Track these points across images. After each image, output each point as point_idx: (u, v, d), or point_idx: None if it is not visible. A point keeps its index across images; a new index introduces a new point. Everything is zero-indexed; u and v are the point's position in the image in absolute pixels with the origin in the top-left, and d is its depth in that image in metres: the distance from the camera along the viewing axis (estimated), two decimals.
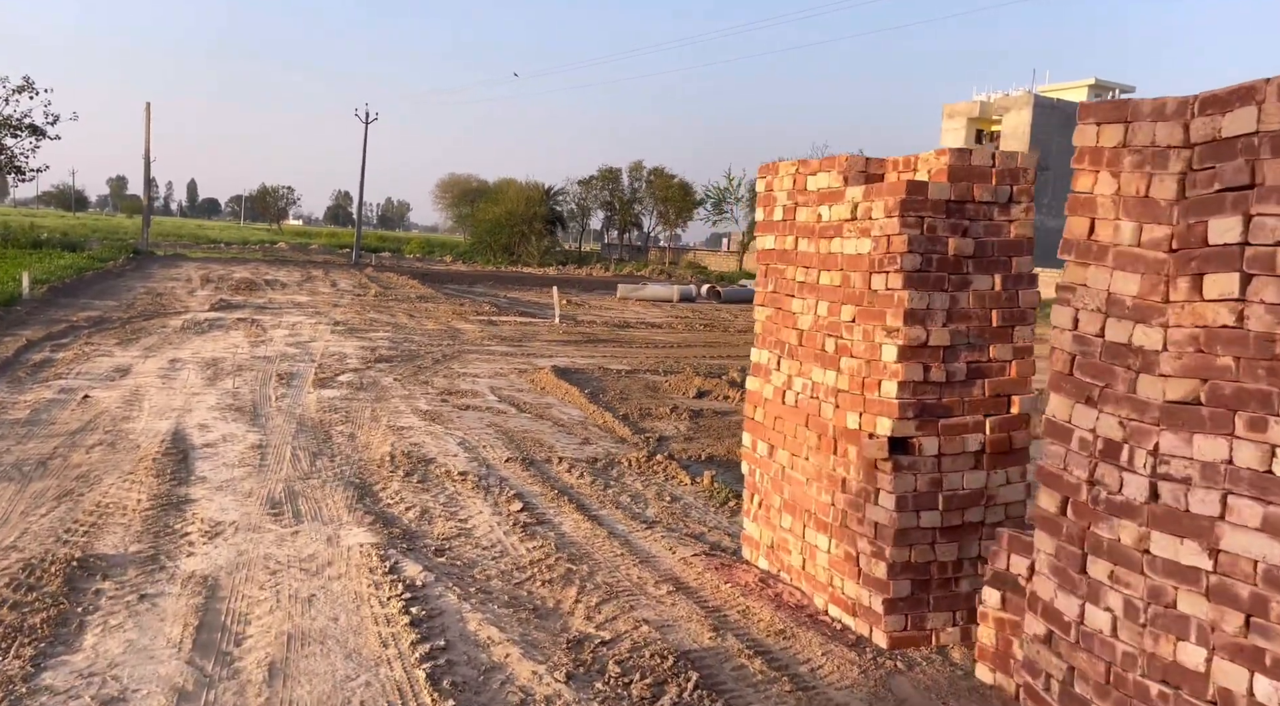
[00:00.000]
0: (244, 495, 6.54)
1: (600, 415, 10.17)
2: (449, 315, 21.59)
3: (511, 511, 6.43)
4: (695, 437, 9.43)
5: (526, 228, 64.00)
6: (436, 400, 10.63)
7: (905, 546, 4.27)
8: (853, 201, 4.54)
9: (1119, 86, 61.77)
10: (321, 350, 14.13)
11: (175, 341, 14.20)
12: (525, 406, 10.57)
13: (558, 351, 16.01)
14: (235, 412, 9.25)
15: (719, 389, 12.04)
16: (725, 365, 15.26)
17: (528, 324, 20.67)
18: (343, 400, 10.25)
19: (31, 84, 41.82)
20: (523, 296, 31.78)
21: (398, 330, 17.66)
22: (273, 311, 19.86)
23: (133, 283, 25.74)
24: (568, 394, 11.43)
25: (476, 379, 12.42)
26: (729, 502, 6.94)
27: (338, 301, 23.36)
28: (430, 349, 15.10)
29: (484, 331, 18.40)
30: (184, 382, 10.72)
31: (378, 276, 35.45)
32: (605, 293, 34.93)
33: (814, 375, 4.84)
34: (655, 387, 12.48)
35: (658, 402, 11.21)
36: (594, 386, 12.19)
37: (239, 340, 14.79)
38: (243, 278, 29.94)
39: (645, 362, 15.02)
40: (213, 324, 16.79)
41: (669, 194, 70.14)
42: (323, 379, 11.50)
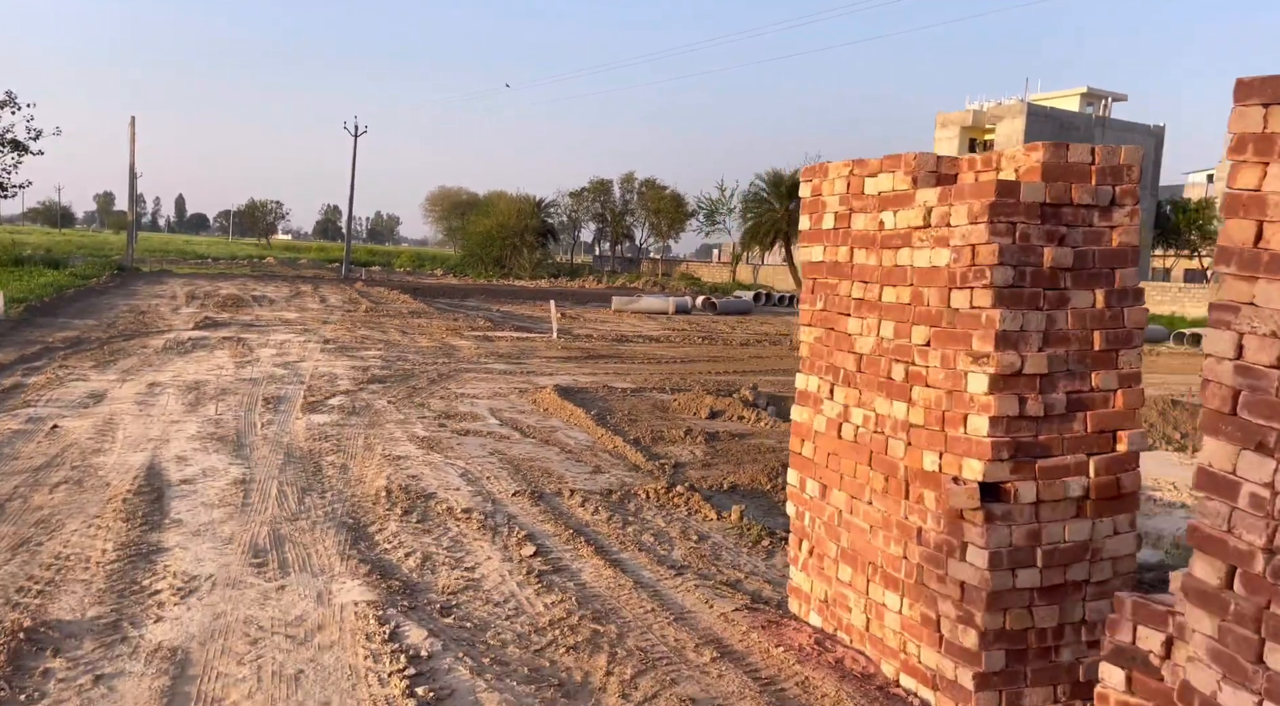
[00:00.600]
0: (223, 541, 5.85)
1: (610, 439, 9.51)
2: (443, 331, 20.91)
3: (524, 557, 5.75)
4: (713, 464, 8.77)
5: (518, 240, 63.42)
6: (434, 425, 9.95)
7: (999, 611, 3.62)
8: (925, 206, 3.92)
9: (1111, 94, 61.68)
10: (311, 371, 13.44)
11: (156, 363, 13.48)
12: (529, 430, 9.90)
13: (558, 368, 15.35)
14: (217, 443, 8.55)
15: (732, 409, 11.39)
16: (734, 381, 14.62)
17: (525, 339, 20.00)
18: (334, 426, 9.56)
19: (14, 98, 41.05)
20: (516, 310, 31.13)
21: (390, 348, 16.97)
22: (260, 329, 19.14)
23: (115, 300, 24.97)
24: (573, 416, 10.77)
25: (475, 400, 11.74)
26: (762, 542, 6.28)
27: (327, 318, 22.66)
28: (425, 368, 14.41)
29: (480, 348, 17.72)
30: (163, 409, 10.01)
31: (368, 291, 34.73)
32: (599, 305, 34.31)
33: (878, 406, 4.20)
34: (664, 407, 11.83)
35: (669, 424, 10.55)
36: (600, 407, 11.53)
37: (224, 361, 14.08)
38: (229, 294, 29.20)
39: (650, 380, 14.37)
40: (196, 343, 16.07)
41: (661, 205, 69.69)
42: (312, 403, 10.81)
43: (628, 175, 72.63)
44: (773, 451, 9.29)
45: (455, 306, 30.56)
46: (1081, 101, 61.00)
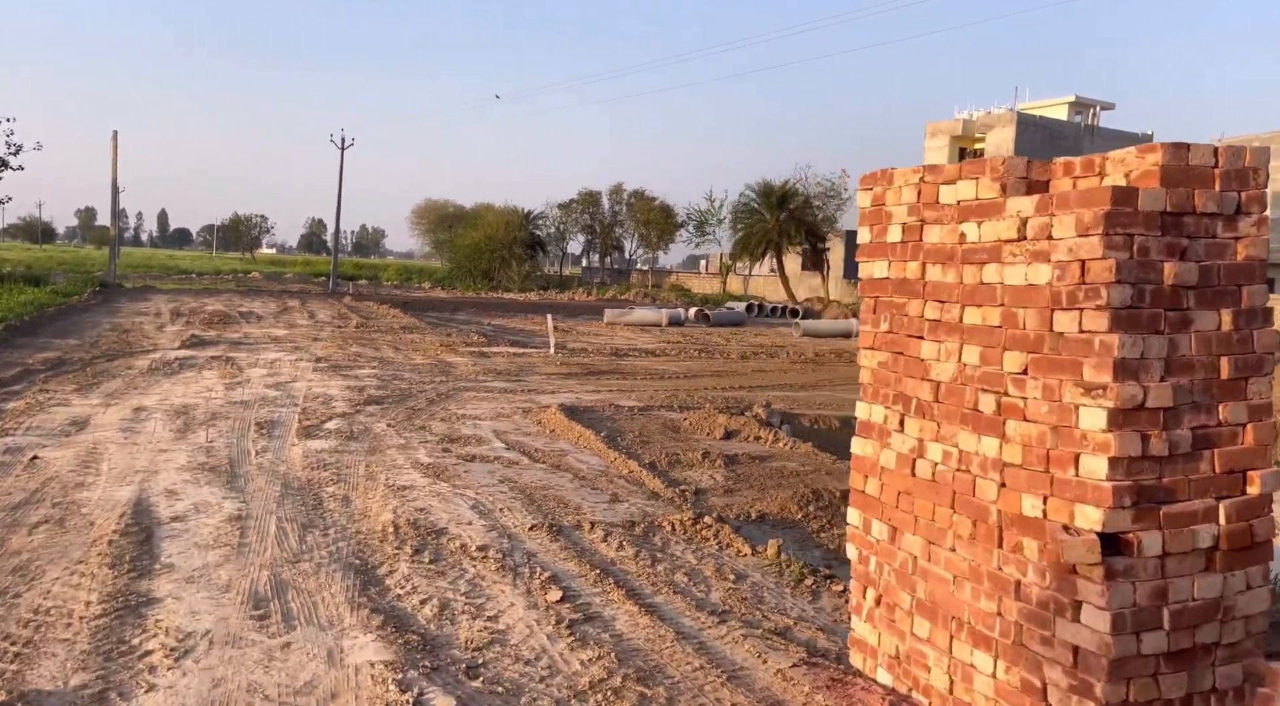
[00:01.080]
0: (220, 589, 5.33)
1: (624, 463, 9.03)
2: (437, 347, 20.38)
3: (550, 603, 5.26)
4: (736, 490, 8.30)
5: (506, 252, 63.00)
6: (437, 450, 9.44)
7: (1122, 680, 3.17)
8: (1018, 216, 3.48)
9: (1099, 103, 61.89)
10: (304, 392, 12.90)
11: (141, 386, 12.91)
12: (538, 455, 9.41)
13: (559, 386, 14.86)
14: (209, 474, 8.01)
15: (747, 428, 10.92)
16: (742, 397, 14.16)
17: (522, 355, 19.50)
18: (332, 453, 9.04)
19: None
20: (508, 323, 30.64)
21: (384, 366, 16.44)
22: (249, 347, 18.56)
23: (98, 318, 24.32)
24: (582, 438, 10.28)
25: (478, 422, 11.24)
26: (805, 581, 5.81)
27: (317, 334, 22.09)
28: (422, 387, 13.90)
29: (477, 364, 17.22)
30: (150, 437, 9.45)
31: (357, 306, 34.15)
32: (591, 317, 33.87)
33: (962, 441, 3.74)
34: (675, 427, 11.36)
35: (683, 446, 10.08)
36: (609, 428, 11.05)
37: (212, 382, 13.52)
38: (215, 310, 28.57)
39: (656, 397, 13.89)
40: (183, 364, 15.49)
41: (650, 216, 69.44)
42: (307, 427, 10.27)
43: (616, 186, 72.43)
44: (797, 475, 8.83)
45: (446, 320, 30.04)
46: (1070, 110, 61.22)
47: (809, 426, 11.98)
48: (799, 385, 16.60)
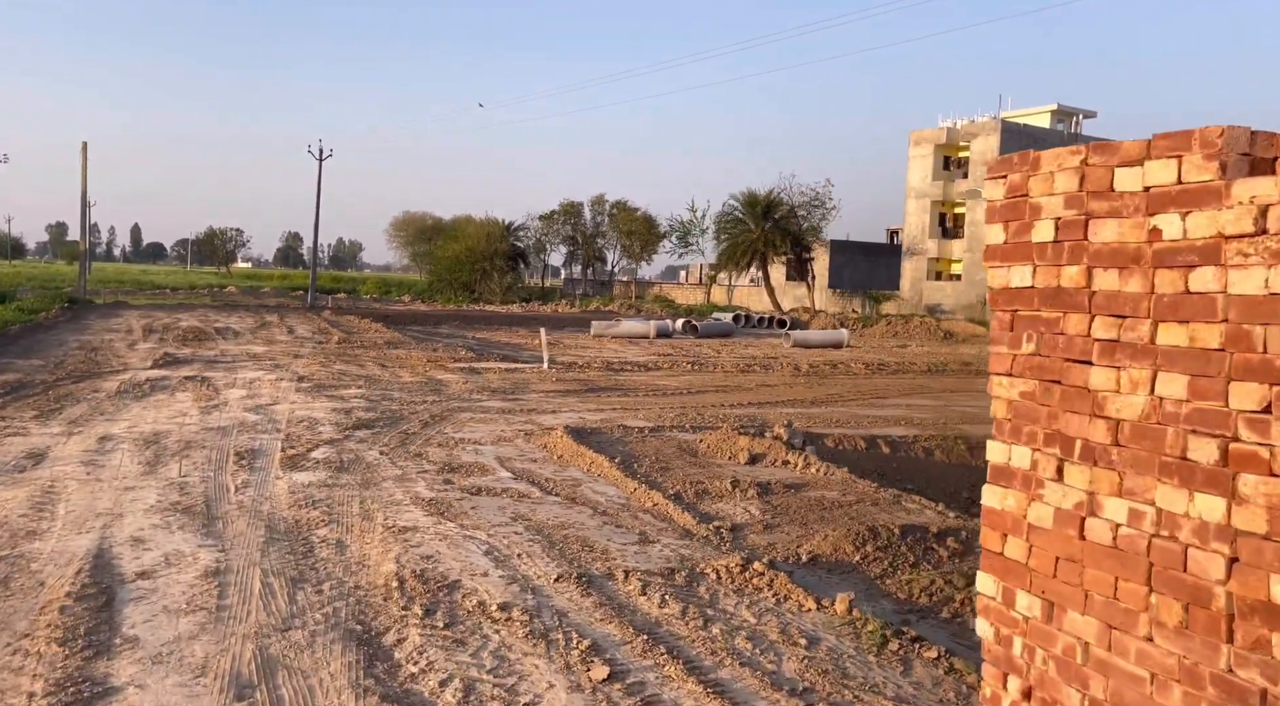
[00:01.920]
0: (194, 672, 4.39)
1: (646, 495, 8.14)
2: (424, 363, 19.42)
3: (596, 683, 4.36)
4: (777, 525, 7.43)
5: (488, 264, 62.13)
6: (438, 481, 8.51)
7: None
8: (1251, 204, 2.65)
9: (1081, 111, 61.98)
10: (287, 415, 11.91)
11: (108, 411, 11.87)
12: (549, 485, 8.50)
13: (559, 404, 13.96)
14: (182, 516, 7.04)
15: (773, 451, 10.05)
16: (755, 416, 13.32)
17: (515, 371, 18.58)
18: (321, 487, 8.09)
19: None
20: (492, 336, 29.71)
21: (371, 384, 15.47)
22: (226, 366, 17.52)
23: (65, 336, 23.14)
24: (595, 464, 9.39)
25: (479, 447, 10.31)
26: (889, 646, 4.93)
27: (298, 351, 21.06)
28: (414, 407, 12.95)
29: (469, 382, 16.28)
30: (115, 472, 8.45)
31: (337, 320, 33.07)
32: (577, 329, 32.98)
33: (1162, 499, 2.90)
34: (693, 451, 10.48)
35: (706, 473, 9.21)
36: (621, 452, 10.16)
37: (187, 405, 12.50)
38: (190, 326, 27.42)
39: (665, 416, 13.02)
40: (155, 385, 14.44)
41: (633, 227, 68.76)
42: (292, 456, 9.31)
43: (598, 197, 71.77)
44: (840, 507, 7.96)
45: (429, 334, 29.07)
46: (1053, 118, 61.26)
47: (834, 448, 11.15)
48: (809, 401, 15.79)
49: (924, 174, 59.76)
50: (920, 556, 6.45)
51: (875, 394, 17.15)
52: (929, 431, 12.63)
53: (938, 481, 11.08)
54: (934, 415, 14.38)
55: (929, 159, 59.64)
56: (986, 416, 11.67)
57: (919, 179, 60.00)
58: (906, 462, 11.29)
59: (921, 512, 7.73)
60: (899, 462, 11.26)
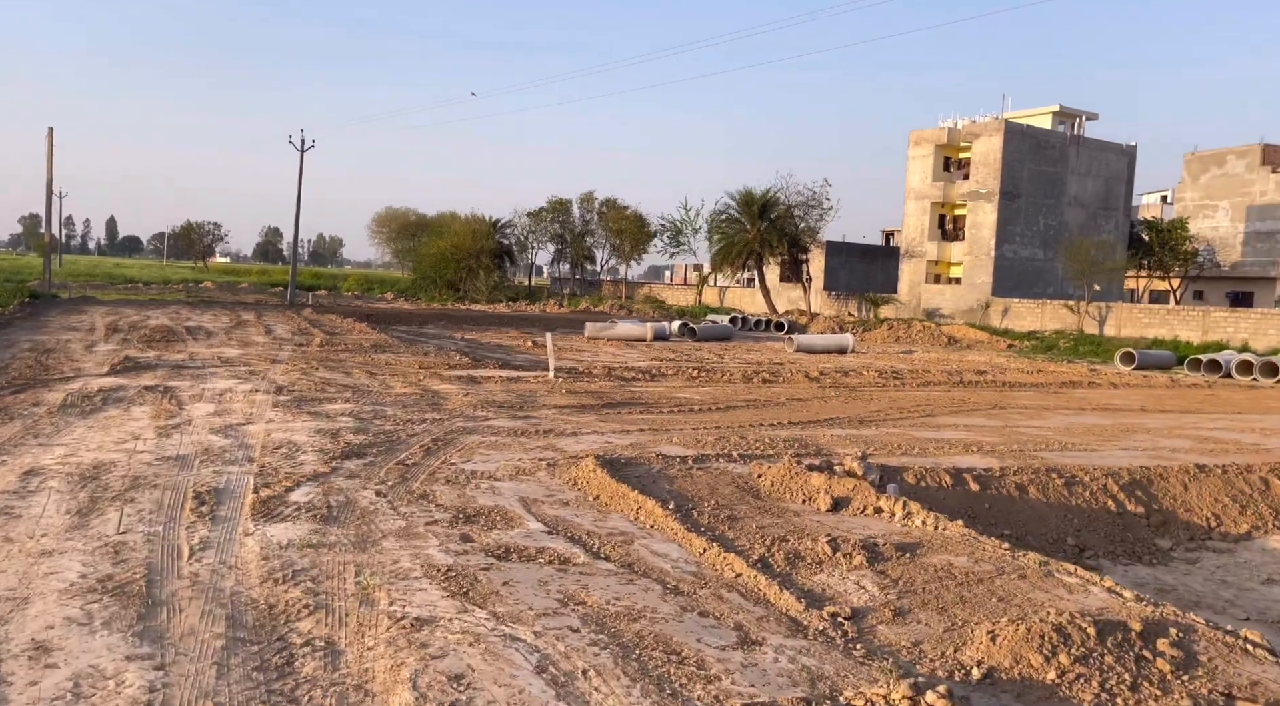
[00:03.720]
0: None
1: (722, 559, 6.35)
2: (416, 369, 17.53)
3: None
4: (908, 610, 5.64)
5: (474, 262, 60.20)
6: (454, 537, 6.67)
7: None
8: None
9: (1084, 113, 60.83)
10: (262, 438, 10.01)
11: (45, 431, 9.92)
12: (595, 543, 6.69)
13: (578, 424, 12.13)
14: (112, 601, 5.16)
15: (859, 495, 8.26)
16: (805, 439, 11.54)
17: (517, 380, 16.72)
18: (304, 549, 6.23)
19: None
20: (481, 338, 27.86)
21: (360, 397, 13.57)
22: (193, 372, 15.55)
23: (17, 335, 21.04)
24: (643, 511, 7.58)
25: (496, 484, 8.47)
26: None
27: (276, 355, 19.09)
28: (412, 428, 11.07)
29: (469, 394, 14.42)
30: (32, 526, 6.53)
31: (319, 320, 31.03)
32: (569, 331, 31.18)
33: None
34: (754, 490, 8.70)
35: (786, 525, 7.42)
36: (670, 492, 8.36)
37: (143, 425, 10.56)
38: (159, 325, 25.34)
39: (704, 440, 11.22)
40: (109, 397, 12.48)
41: (623, 226, 66.93)
42: (267, 500, 7.43)
43: (587, 194, 69.90)
44: (978, 581, 6.18)
45: (416, 335, 27.18)
46: (1054, 119, 60.07)
47: (916, 485, 9.40)
48: (852, 419, 14.05)
49: (924, 175, 58.39)
50: (1136, 673, 4.68)
51: (919, 410, 15.45)
52: (1008, 461, 10.90)
53: (1038, 526, 9.37)
54: (1001, 439, 12.68)
55: (929, 159, 58.28)
56: (1060, 442, 9.85)
57: (918, 180, 58.62)
58: (999, 502, 9.55)
59: (1087, 590, 5.97)
60: (991, 502, 9.53)
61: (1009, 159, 54.69)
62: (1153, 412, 16.92)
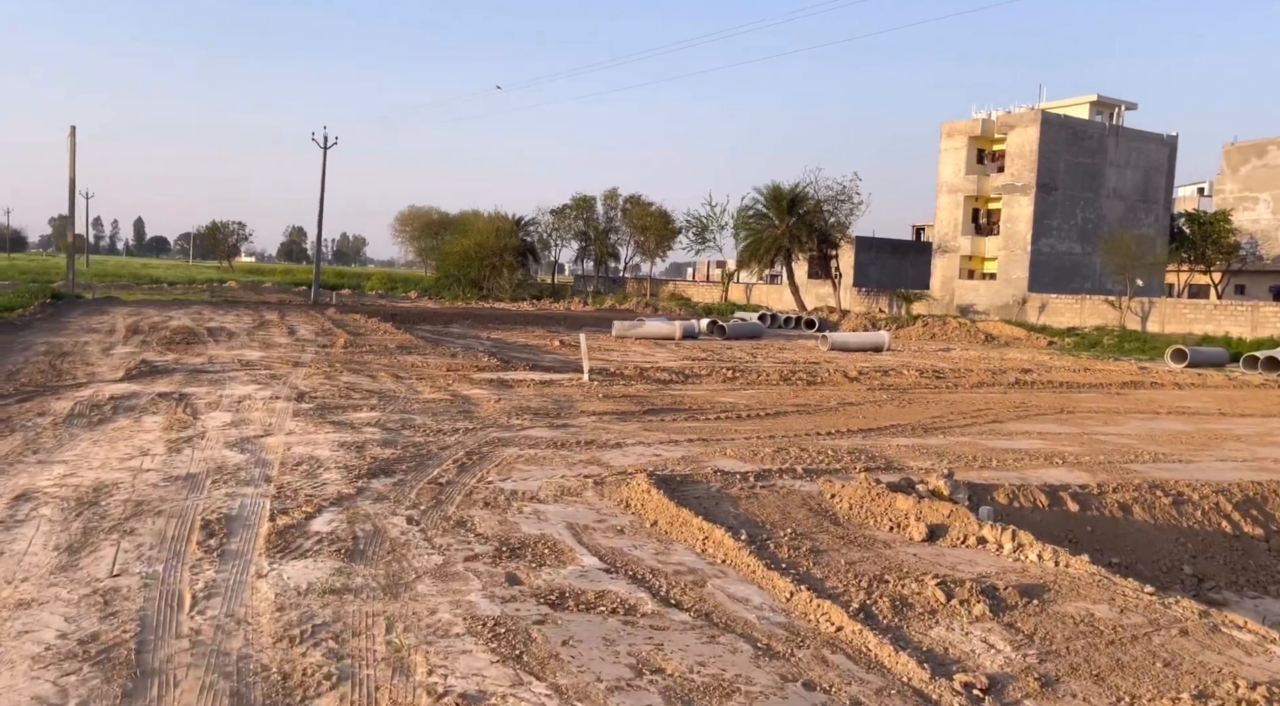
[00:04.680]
0: None
1: (814, 606, 5.36)
2: (444, 372, 16.66)
3: None
4: (1058, 680, 4.62)
5: (497, 260, 59.43)
6: (499, 577, 5.73)
7: None
8: None
9: (1122, 103, 59.06)
10: (281, 453, 9.14)
11: (46, 447, 9.10)
12: (662, 585, 5.73)
13: (621, 434, 11.17)
14: (93, 672, 4.25)
15: (957, 522, 7.22)
16: (870, 450, 10.52)
17: (550, 383, 15.79)
18: (325, 597, 5.31)
19: None
20: (507, 337, 27.00)
21: (387, 403, 12.69)
22: (212, 378, 14.75)
23: (34, 338, 20.40)
24: (710, 541, 6.61)
25: (540, 508, 7.53)
26: None
27: (299, 357, 18.29)
28: (444, 440, 10.17)
29: (501, 400, 13.51)
30: (12, 566, 5.64)
31: (343, 319, 30.31)
32: (595, 329, 30.24)
33: None
34: (830, 514, 7.70)
35: (879, 560, 6.42)
36: (735, 517, 7.39)
37: (152, 438, 9.73)
38: (180, 326, 24.68)
39: (761, 452, 10.23)
40: (120, 405, 11.67)
41: (648, 222, 65.85)
42: (285, 530, 6.52)
43: (611, 191, 68.94)
44: (1132, 638, 5.13)
45: (441, 335, 26.37)
46: (1091, 110, 58.33)
47: (1009, 505, 8.36)
48: (914, 427, 13.01)
49: (956, 167, 56.90)
50: None
51: (982, 416, 14.37)
52: (1101, 476, 9.83)
53: (1148, 552, 8.30)
54: (1082, 449, 11.59)
55: (962, 152, 56.80)
56: (1150, 452, 8.66)
57: (951, 173, 57.14)
58: (1102, 525, 8.49)
59: (1267, 651, 4.93)
60: (1093, 525, 8.47)
61: (1046, 150, 53.10)
62: (1233, 417, 15.72)
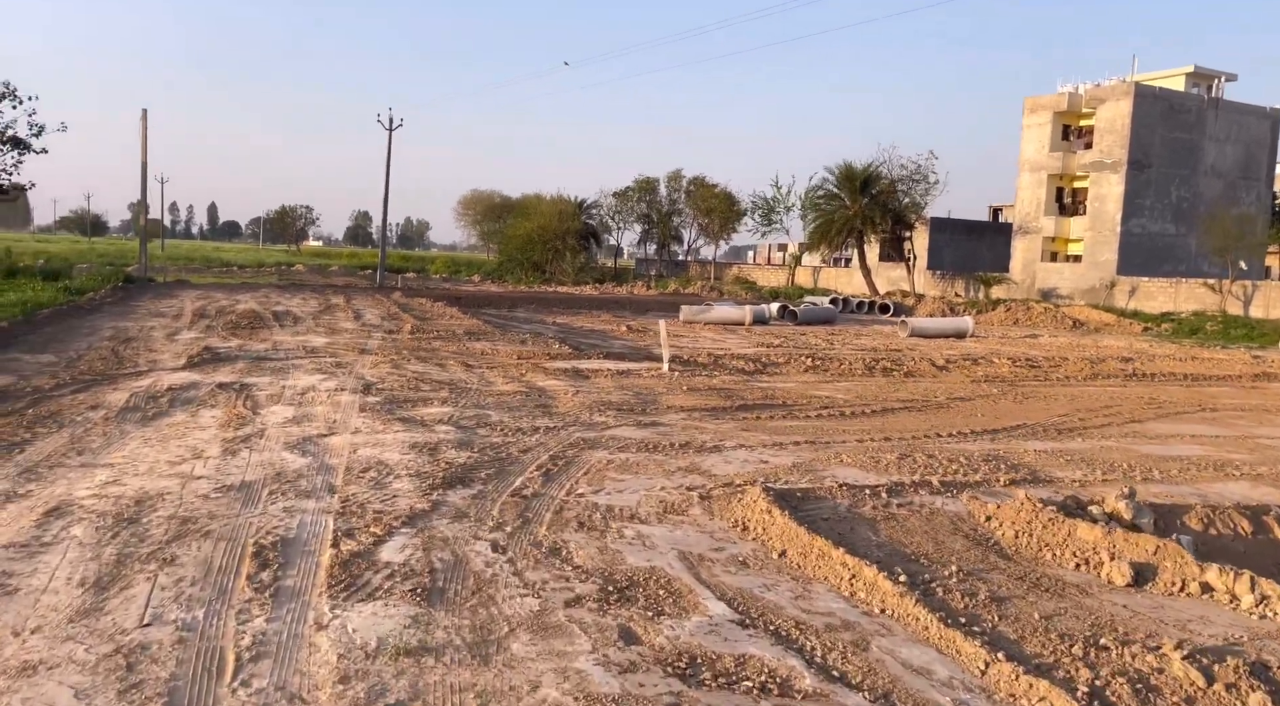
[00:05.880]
0: None
1: (1028, 689, 4.12)
2: (515, 360, 15.66)
3: None
4: None
5: (560, 243, 58.50)
6: (611, 635, 4.59)
7: None
8: None
9: (1222, 74, 55.39)
10: (346, 457, 8.16)
11: (93, 446, 8.25)
12: (813, 646, 4.53)
13: (717, 434, 9.98)
14: None
15: (1169, 563, 5.84)
16: (1003, 455, 9.14)
17: (628, 373, 14.66)
18: (399, 660, 4.23)
19: (13, 91, 36.66)
20: (573, 322, 25.96)
21: (459, 396, 11.70)
22: (275, 365, 13.96)
23: (101, 322, 19.99)
24: (863, 583, 5.38)
25: (643, 530, 6.38)
26: None
27: (365, 343, 17.48)
28: (524, 440, 9.10)
29: (580, 392, 12.42)
30: (25, 611, 4.67)
31: (408, 303, 29.64)
32: (660, 314, 29.00)
33: None
34: (994, 544, 6.40)
35: (1090, 618, 5.11)
36: (880, 547, 6.15)
37: (207, 437, 8.84)
38: (247, 310, 24.20)
39: (883, 459, 8.94)
40: (177, 397, 10.88)
41: (712, 204, 64.21)
42: (350, 561, 5.48)
43: (675, 172, 67.41)
44: None
45: (507, 320, 25.47)
46: (1187, 82, 54.82)
47: (1204, 532, 6.93)
48: (1042, 427, 11.55)
49: (1040, 144, 54.03)
50: None
51: (1116, 414, 12.81)
52: None
53: None
54: (1252, 455, 10.04)
55: (1046, 128, 53.91)
56: None
57: (1034, 150, 54.31)
58: None
59: None
60: None
61: (1138, 125, 49.99)
62: None
